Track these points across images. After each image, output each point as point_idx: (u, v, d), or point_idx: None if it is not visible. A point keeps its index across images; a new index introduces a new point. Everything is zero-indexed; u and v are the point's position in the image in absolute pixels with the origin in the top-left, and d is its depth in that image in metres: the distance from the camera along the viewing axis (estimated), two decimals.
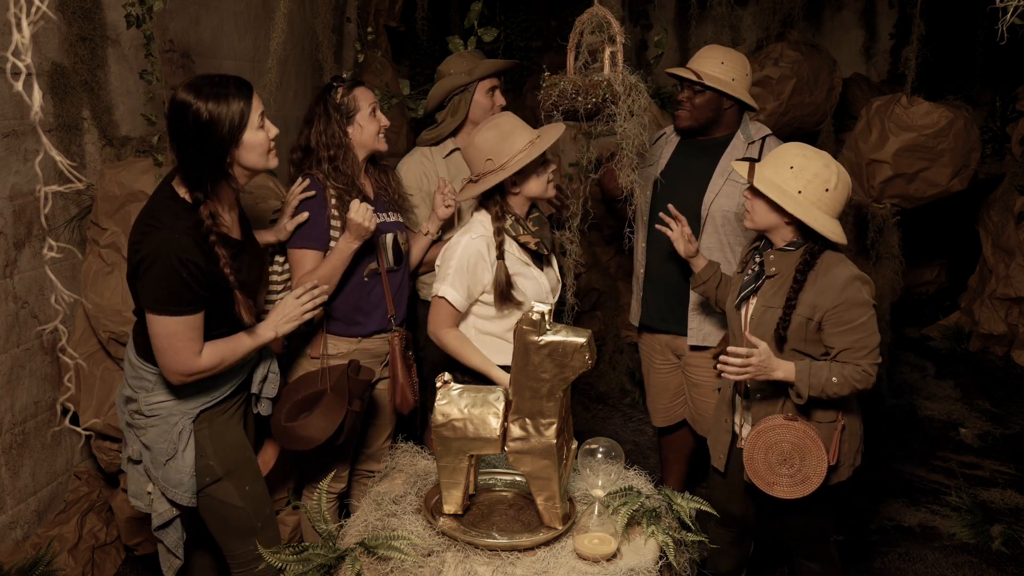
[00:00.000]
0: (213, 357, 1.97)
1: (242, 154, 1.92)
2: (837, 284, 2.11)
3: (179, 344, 1.90)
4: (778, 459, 2.18)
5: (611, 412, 4.50)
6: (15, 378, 2.61)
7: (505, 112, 2.42)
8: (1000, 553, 3.15)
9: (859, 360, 2.11)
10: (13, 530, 2.65)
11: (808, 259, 2.15)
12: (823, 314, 2.12)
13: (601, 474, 1.88)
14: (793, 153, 2.16)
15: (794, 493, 2.18)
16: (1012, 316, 5.10)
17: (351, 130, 2.45)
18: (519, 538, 1.80)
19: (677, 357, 2.95)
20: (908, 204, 3.97)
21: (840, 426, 2.21)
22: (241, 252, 2.03)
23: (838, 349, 2.13)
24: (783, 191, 2.11)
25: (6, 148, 2.51)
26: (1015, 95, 5.21)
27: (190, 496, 2.06)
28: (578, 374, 1.74)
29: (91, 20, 2.78)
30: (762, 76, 4.39)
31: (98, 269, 2.73)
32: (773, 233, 2.22)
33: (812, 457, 2.15)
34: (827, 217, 2.12)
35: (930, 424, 4.29)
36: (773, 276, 2.21)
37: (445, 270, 2.30)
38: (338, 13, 4.41)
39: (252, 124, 1.90)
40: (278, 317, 2.11)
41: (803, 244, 2.18)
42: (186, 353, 1.91)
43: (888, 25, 5.91)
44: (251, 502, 2.14)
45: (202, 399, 2.05)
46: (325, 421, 2.30)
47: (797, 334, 2.16)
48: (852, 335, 2.11)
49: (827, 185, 2.11)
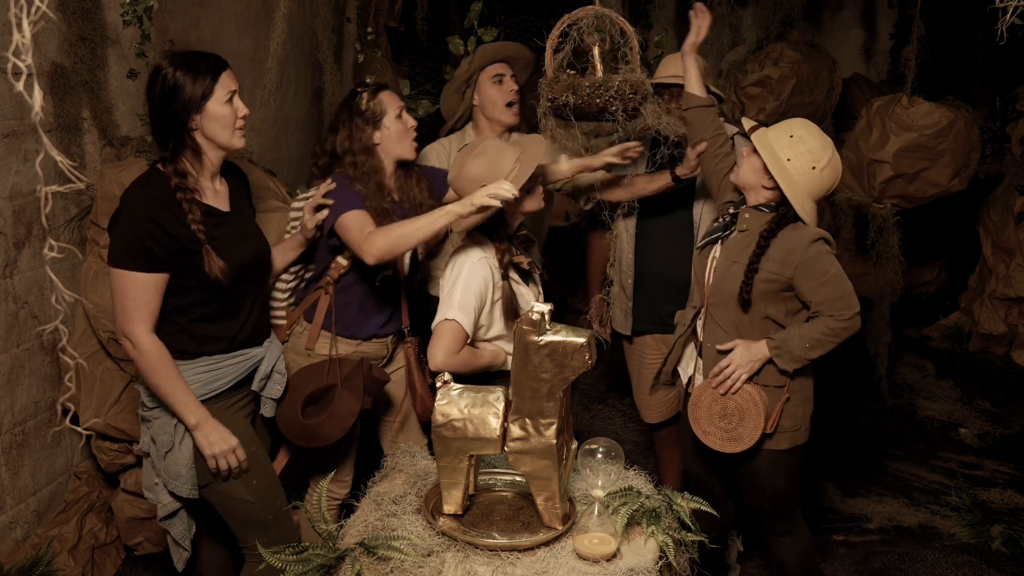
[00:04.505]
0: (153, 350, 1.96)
1: (205, 123, 2.00)
2: (804, 241, 2.17)
3: (127, 302, 1.94)
4: (720, 412, 2.27)
5: (611, 412, 4.50)
6: (15, 378, 2.61)
7: (486, 139, 2.38)
8: (1000, 553, 3.15)
9: (839, 312, 2.16)
10: (13, 530, 2.65)
11: (774, 226, 2.21)
12: (793, 270, 2.18)
13: (601, 474, 1.88)
14: (798, 125, 2.23)
15: (723, 447, 2.28)
16: (1012, 316, 5.10)
17: (377, 135, 2.41)
18: (519, 538, 1.80)
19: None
20: (908, 204, 3.97)
21: (785, 397, 2.27)
22: (224, 222, 2.07)
23: (816, 303, 2.19)
24: (773, 152, 2.18)
25: (6, 148, 2.51)
26: (1015, 95, 5.21)
27: (190, 488, 2.08)
28: (578, 374, 1.74)
29: (91, 20, 2.78)
30: (762, 76, 4.38)
31: (98, 269, 2.73)
32: (751, 193, 2.29)
33: (750, 421, 2.24)
34: (803, 192, 2.17)
35: (930, 424, 4.29)
36: (743, 232, 2.26)
37: (451, 294, 2.21)
38: (338, 13, 4.41)
39: (217, 96, 1.99)
40: None
41: (775, 210, 2.24)
42: (132, 314, 1.94)
43: (888, 25, 5.91)
44: (260, 496, 2.15)
45: (200, 390, 2.05)
46: (343, 418, 2.30)
47: (763, 296, 2.22)
48: (826, 288, 2.16)
49: (816, 163, 2.16)
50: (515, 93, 2.92)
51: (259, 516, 2.16)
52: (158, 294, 1.97)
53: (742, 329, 2.27)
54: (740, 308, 2.25)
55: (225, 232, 2.06)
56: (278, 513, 2.20)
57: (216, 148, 2.05)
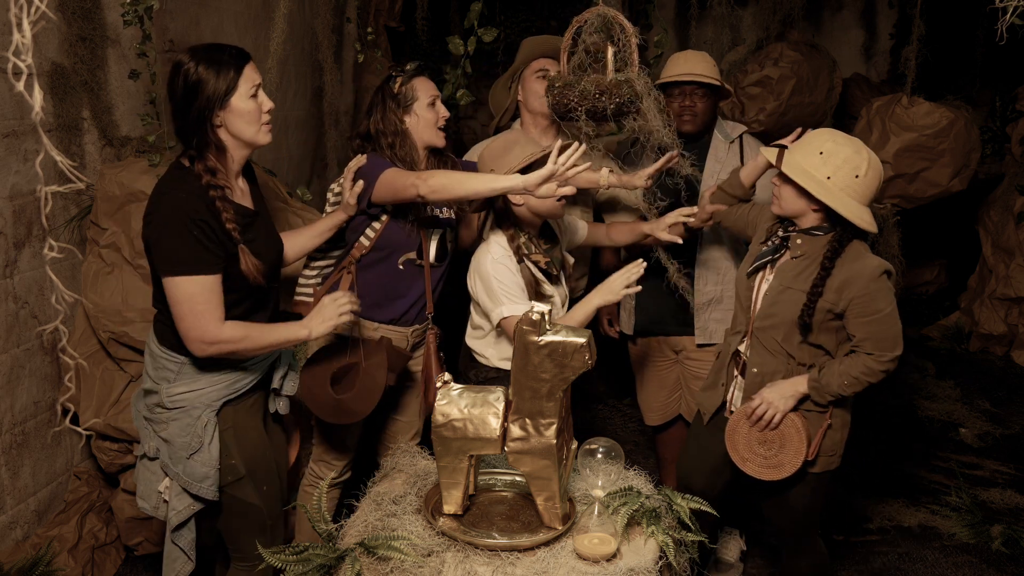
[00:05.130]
0: (237, 330, 1.94)
1: (229, 118, 1.93)
2: (866, 274, 2.09)
3: (199, 307, 1.87)
4: (759, 439, 2.21)
5: (611, 412, 4.50)
6: (15, 378, 2.61)
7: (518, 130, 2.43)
8: (1000, 553, 3.15)
9: (882, 351, 2.11)
10: (13, 530, 2.65)
11: (836, 247, 2.12)
12: (848, 303, 2.10)
13: (601, 474, 1.88)
14: (823, 138, 2.14)
15: (764, 475, 2.22)
16: (1012, 316, 5.10)
17: (408, 119, 2.44)
18: (519, 538, 1.80)
19: (675, 353, 2.97)
20: (908, 204, 3.97)
21: (827, 424, 2.22)
22: (253, 221, 2.04)
23: (859, 338, 2.13)
24: (812, 176, 2.08)
25: (6, 148, 2.51)
26: (1015, 95, 5.21)
27: (215, 491, 2.04)
28: (578, 374, 1.74)
29: (91, 20, 2.78)
30: (762, 76, 4.38)
31: (98, 269, 2.73)
32: (801, 219, 2.19)
33: (791, 448, 2.18)
34: (856, 204, 2.08)
35: (930, 424, 4.29)
36: (799, 257, 2.18)
37: (494, 294, 2.27)
38: (338, 13, 4.41)
39: (241, 91, 1.93)
40: (316, 318, 2.08)
41: (831, 230, 2.15)
42: (207, 317, 1.88)
43: (888, 25, 5.90)
44: (267, 501, 2.14)
45: (225, 391, 2.02)
46: (372, 392, 2.31)
47: (816, 323, 2.15)
48: (874, 326, 2.11)
49: (857, 171, 2.07)
50: None
51: (261, 520, 2.15)
52: (220, 291, 1.92)
53: (792, 354, 2.21)
54: (800, 333, 2.17)
55: (256, 232, 2.03)
56: (276, 519, 2.19)
57: (241, 145, 1.99)
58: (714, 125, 2.82)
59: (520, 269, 2.31)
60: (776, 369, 2.22)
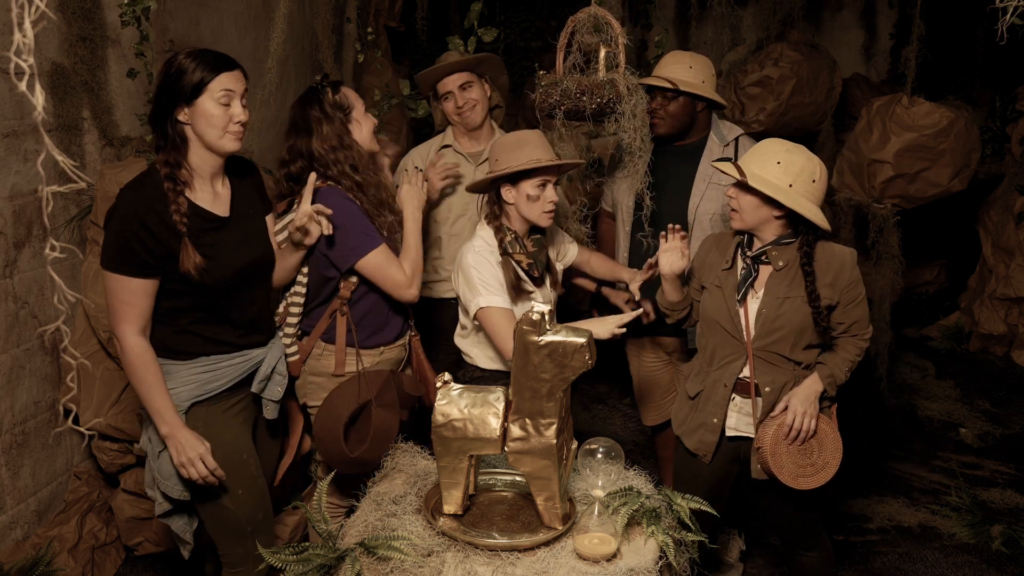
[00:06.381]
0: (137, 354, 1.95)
1: (196, 118, 1.96)
2: (847, 262, 2.21)
3: (115, 305, 1.95)
4: (801, 451, 2.22)
5: (611, 412, 4.50)
6: (15, 378, 2.61)
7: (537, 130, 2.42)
8: (1000, 553, 3.15)
9: (863, 332, 2.25)
10: (13, 530, 2.65)
11: (808, 251, 2.20)
12: (840, 293, 2.20)
13: (601, 474, 1.88)
14: (776, 149, 2.20)
15: (818, 482, 2.24)
16: (1012, 316, 5.10)
17: (351, 128, 2.37)
18: (519, 538, 1.80)
19: (667, 354, 2.97)
20: (908, 204, 3.97)
21: (835, 407, 2.29)
22: (219, 229, 2.03)
23: (848, 324, 2.22)
24: (775, 186, 2.15)
25: (6, 148, 2.51)
26: (1015, 95, 5.21)
27: (180, 490, 2.06)
28: (578, 374, 1.74)
29: (91, 20, 2.78)
30: (762, 76, 4.38)
31: (98, 269, 2.73)
32: (761, 229, 2.23)
33: (829, 444, 2.24)
34: (815, 207, 2.18)
35: (930, 424, 4.29)
36: (782, 268, 2.23)
37: (472, 285, 2.29)
38: (338, 13, 4.41)
39: (210, 94, 1.94)
40: (176, 452, 2.00)
41: (796, 235, 2.22)
42: (120, 317, 1.95)
43: (888, 25, 5.91)
44: (243, 506, 2.13)
45: (195, 391, 2.04)
46: (384, 440, 2.29)
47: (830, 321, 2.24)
48: (860, 307, 2.23)
49: (813, 176, 2.17)
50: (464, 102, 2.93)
51: (238, 525, 2.14)
52: (147, 298, 1.96)
53: (798, 360, 2.25)
54: (820, 338, 2.23)
55: (221, 238, 2.03)
56: (258, 525, 2.17)
57: (204, 147, 2.00)
58: (696, 127, 2.78)
59: (503, 263, 2.33)
60: (786, 380, 2.25)
